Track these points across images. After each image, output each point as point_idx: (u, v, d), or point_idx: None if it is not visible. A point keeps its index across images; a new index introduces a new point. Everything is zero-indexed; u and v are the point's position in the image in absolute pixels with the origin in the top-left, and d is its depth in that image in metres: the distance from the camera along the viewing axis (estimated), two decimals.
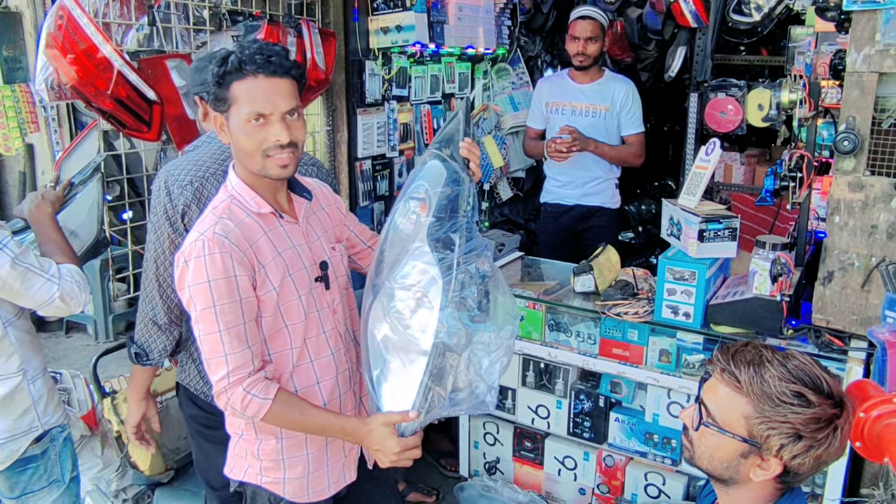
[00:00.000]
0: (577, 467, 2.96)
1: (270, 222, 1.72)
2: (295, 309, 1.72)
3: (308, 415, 1.69)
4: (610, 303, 2.68)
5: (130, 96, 2.59)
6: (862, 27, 2.16)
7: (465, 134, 1.78)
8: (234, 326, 1.61)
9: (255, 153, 1.63)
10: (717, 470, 1.38)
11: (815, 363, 1.31)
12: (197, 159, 2.03)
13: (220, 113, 1.65)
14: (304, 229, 1.79)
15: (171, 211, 1.96)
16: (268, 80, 1.59)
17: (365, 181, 3.93)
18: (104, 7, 2.62)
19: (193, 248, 1.61)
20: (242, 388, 1.62)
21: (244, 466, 1.82)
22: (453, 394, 1.67)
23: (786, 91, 2.37)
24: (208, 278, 1.59)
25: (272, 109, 1.61)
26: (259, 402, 1.62)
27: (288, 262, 1.71)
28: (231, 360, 1.61)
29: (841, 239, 2.29)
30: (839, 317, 2.34)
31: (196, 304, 1.61)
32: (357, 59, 3.78)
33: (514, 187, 5.09)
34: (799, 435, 1.26)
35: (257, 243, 1.66)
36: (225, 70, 1.59)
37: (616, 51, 5.07)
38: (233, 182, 1.72)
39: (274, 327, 1.70)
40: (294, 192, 1.81)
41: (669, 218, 2.72)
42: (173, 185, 1.97)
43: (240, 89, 1.59)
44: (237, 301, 1.61)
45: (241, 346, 1.62)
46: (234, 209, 1.68)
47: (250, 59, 1.58)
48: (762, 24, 3.65)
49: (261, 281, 1.66)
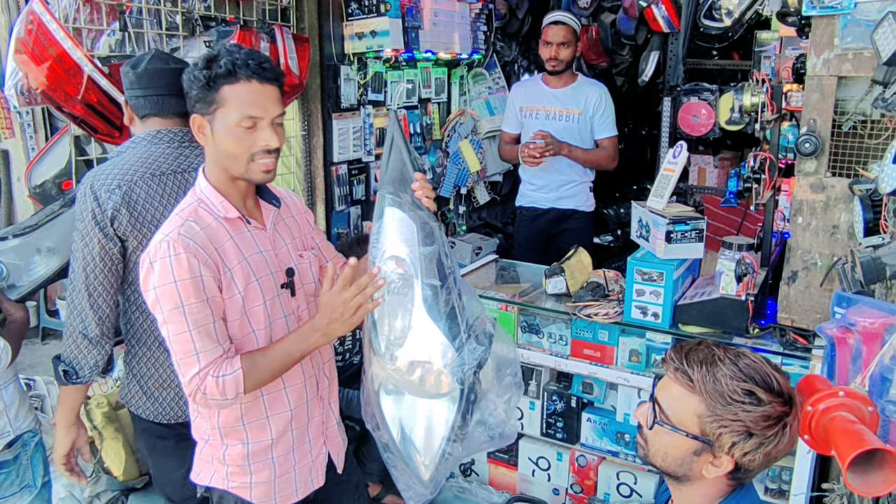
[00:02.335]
0: (551, 468, 2.99)
1: (237, 227, 1.72)
2: (260, 314, 1.72)
3: (273, 357, 1.67)
4: (581, 304, 2.71)
5: (101, 101, 2.59)
6: (821, 32, 2.21)
7: (413, 165, 1.74)
8: (204, 325, 1.61)
9: (241, 157, 1.65)
10: (670, 467, 1.41)
11: (765, 362, 1.34)
12: (123, 163, 2.00)
13: (202, 115, 1.65)
14: (271, 235, 1.80)
15: (101, 216, 1.91)
16: (260, 85, 1.62)
17: (341, 185, 3.94)
18: (74, 12, 2.62)
19: (158, 250, 1.61)
20: (211, 375, 1.61)
21: (210, 471, 1.82)
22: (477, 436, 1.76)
23: (748, 94, 2.41)
24: (174, 279, 1.59)
25: (264, 114, 1.63)
26: (232, 378, 1.61)
27: (254, 266, 1.71)
28: (202, 358, 1.61)
29: (804, 239, 2.33)
30: (803, 315, 2.38)
31: (163, 306, 1.61)
32: (332, 64, 3.79)
33: (492, 191, 5.12)
34: (750, 432, 1.29)
35: (223, 247, 1.67)
36: (216, 73, 1.60)
37: (591, 56, 5.12)
38: (201, 186, 1.73)
39: (241, 331, 1.71)
40: (262, 199, 1.82)
41: (639, 220, 2.75)
42: (100, 189, 1.93)
43: (231, 93, 1.61)
44: (204, 300, 1.61)
45: (211, 343, 1.62)
46: (200, 212, 1.69)
47: (244, 64, 1.60)
48: (733, 30, 3.70)
49: (226, 284, 1.67)
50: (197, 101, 1.65)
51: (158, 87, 2.07)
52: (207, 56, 1.64)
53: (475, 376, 1.69)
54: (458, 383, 1.66)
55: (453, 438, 1.71)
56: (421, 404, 1.74)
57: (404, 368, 1.69)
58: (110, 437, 2.91)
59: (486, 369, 1.73)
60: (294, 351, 1.69)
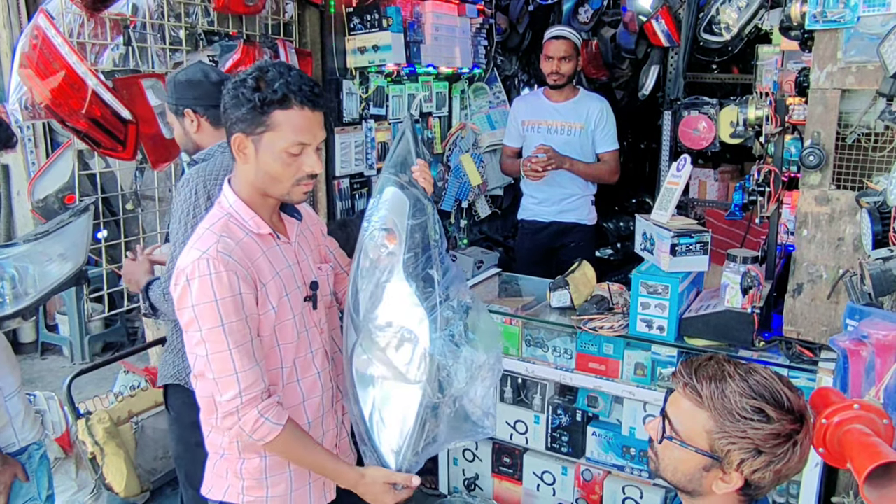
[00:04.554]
0: (556, 482, 2.97)
1: (268, 242, 1.72)
2: (289, 329, 1.72)
3: (311, 451, 1.71)
4: (586, 317, 2.70)
5: (105, 116, 2.59)
6: (824, 46, 2.22)
7: (417, 155, 1.80)
8: (243, 344, 1.60)
9: (287, 181, 1.65)
10: (680, 482, 1.39)
11: (776, 378, 1.33)
12: (224, 165, 2.12)
13: (247, 135, 1.62)
14: (295, 249, 1.80)
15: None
16: (312, 112, 1.62)
17: (343, 199, 3.94)
18: (79, 27, 2.63)
19: (197, 267, 1.58)
20: (258, 410, 1.60)
21: (224, 486, 1.80)
22: (453, 423, 1.70)
23: (752, 107, 2.42)
24: (215, 297, 1.57)
25: (312, 141, 1.63)
26: (270, 427, 1.61)
27: (285, 281, 1.71)
28: (242, 379, 1.59)
29: (809, 251, 2.33)
30: (809, 328, 2.38)
31: (202, 324, 1.59)
32: (335, 79, 3.81)
33: (493, 205, 5.13)
34: (759, 450, 1.28)
35: (257, 263, 1.66)
36: (267, 97, 1.58)
37: (591, 70, 5.15)
38: (230, 200, 1.71)
39: (266, 346, 1.70)
40: (284, 212, 1.82)
41: (643, 233, 2.75)
42: (213, 188, 2.05)
43: (283, 118, 1.59)
44: (243, 319, 1.60)
45: (250, 363, 1.61)
46: (231, 227, 1.67)
47: (298, 89, 1.59)
48: (732, 44, 3.73)
49: (262, 300, 1.66)
50: (242, 120, 1.61)
51: None
52: (256, 75, 1.60)
53: (449, 352, 1.67)
54: (430, 349, 1.66)
55: (424, 423, 1.70)
56: (392, 386, 1.74)
57: (381, 325, 1.72)
58: (112, 453, 2.89)
59: (466, 356, 1.71)
60: (324, 471, 1.76)
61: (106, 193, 2.93)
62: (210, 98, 2.16)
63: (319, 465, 1.74)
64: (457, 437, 1.75)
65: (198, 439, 2.03)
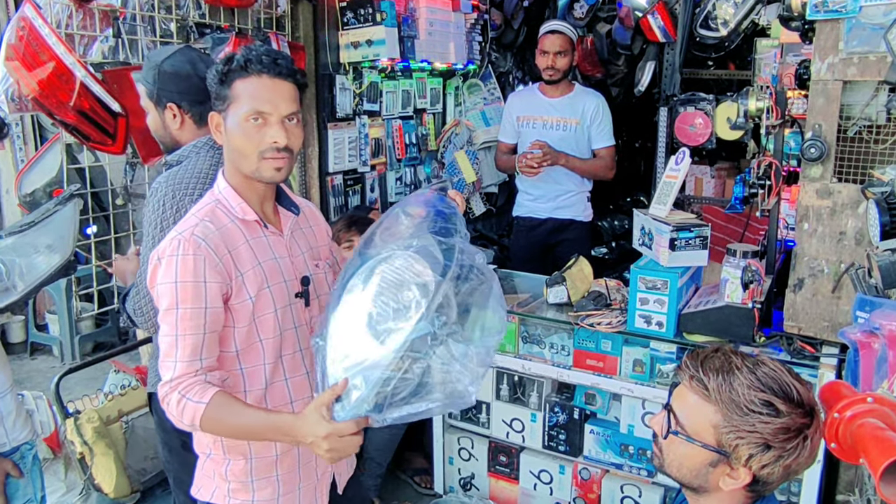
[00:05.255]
0: (553, 481, 2.93)
1: (254, 230, 1.68)
2: (270, 323, 1.67)
3: (242, 415, 1.54)
4: (583, 313, 2.67)
5: (94, 108, 2.53)
6: (825, 36, 2.18)
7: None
8: (193, 334, 1.56)
9: (250, 154, 1.61)
10: (686, 478, 1.36)
11: (786, 370, 1.29)
12: (197, 170, 1.99)
13: (218, 112, 1.63)
14: (287, 242, 1.75)
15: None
16: (272, 80, 1.59)
17: (336, 196, 3.89)
18: (67, 18, 2.58)
19: (168, 246, 1.58)
20: (178, 392, 1.54)
21: (212, 487, 1.75)
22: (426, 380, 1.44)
23: (753, 99, 2.39)
24: (176, 279, 1.55)
25: (272, 110, 1.59)
26: (194, 406, 1.52)
27: (267, 272, 1.67)
28: (179, 368, 1.55)
29: (810, 246, 2.30)
30: (810, 323, 2.34)
31: (162, 303, 1.58)
32: (328, 74, 3.75)
33: (487, 202, 5.09)
34: (768, 445, 1.24)
35: (237, 249, 1.63)
36: (229, 68, 1.58)
37: (586, 66, 5.12)
38: (220, 186, 1.69)
39: (247, 340, 1.65)
40: (281, 205, 1.78)
41: (641, 228, 2.72)
42: (183, 197, 1.93)
43: (242, 87, 1.58)
44: (202, 308, 1.56)
45: (193, 356, 1.56)
46: (217, 213, 1.65)
47: (257, 59, 1.57)
48: (729, 39, 3.71)
49: (237, 289, 1.62)
50: (214, 97, 1.63)
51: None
52: (230, 54, 1.62)
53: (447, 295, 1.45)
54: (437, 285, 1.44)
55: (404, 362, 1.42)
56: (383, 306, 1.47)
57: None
58: (101, 453, 2.84)
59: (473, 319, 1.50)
60: (261, 433, 1.57)
61: (95, 188, 2.87)
62: (198, 93, 2.04)
63: (254, 427, 1.54)
64: (429, 398, 1.46)
65: (183, 442, 2.00)
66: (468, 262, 1.52)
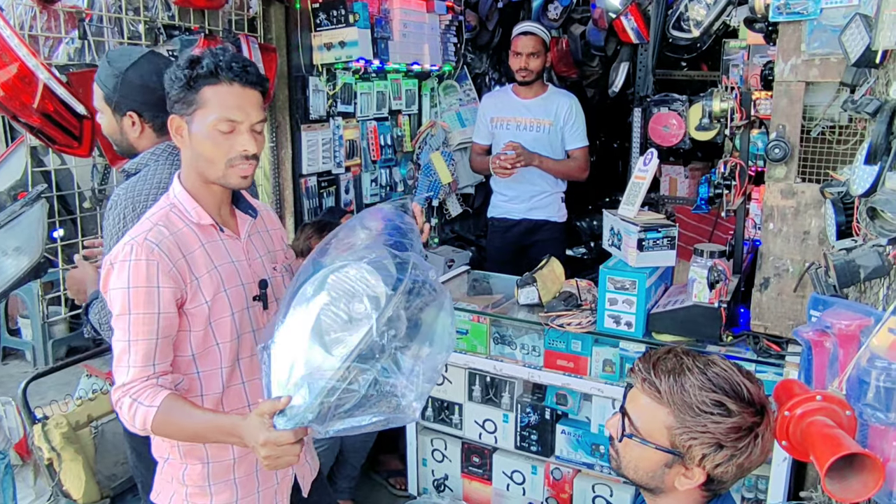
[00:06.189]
0: (526, 481, 2.93)
1: (209, 234, 1.67)
2: (227, 327, 1.66)
3: (190, 417, 1.53)
4: (553, 314, 2.67)
5: (59, 111, 2.51)
6: (788, 38, 2.20)
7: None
8: (145, 340, 1.55)
9: (219, 161, 1.59)
10: (642, 479, 1.36)
11: (736, 370, 1.30)
12: (156, 179, 1.94)
13: (181, 116, 1.60)
14: (245, 245, 1.74)
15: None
16: (242, 89, 1.57)
17: (310, 198, 3.88)
18: (31, 20, 2.55)
19: (121, 251, 1.56)
20: (129, 396, 1.53)
21: (170, 492, 1.74)
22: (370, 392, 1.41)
23: (717, 100, 2.41)
24: (129, 284, 1.54)
25: (244, 118, 1.58)
26: (144, 410, 1.51)
27: (224, 276, 1.66)
28: (131, 373, 1.54)
29: (775, 245, 2.32)
30: (776, 322, 2.37)
31: (114, 308, 1.57)
32: (300, 75, 3.75)
33: (464, 203, 5.09)
34: (720, 444, 1.25)
35: (192, 254, 1.61)
36: (197, 73, 1.55)
37: (562, 67, 5.14)
38: (175, 191, 1.67)
39: (204, 344, 1.64)
40: (238, 208, 1.77)
41: (610, 228, 2.73)
42: (143, 208, 1.85)
43: (212, 94, 1.56)
44: (154, 314, 1.55)
45: (145, 361, 1.55)
46: (172, 217, 1.63)
47: (227, 66, 1.55)
48: (701, 40, 3.73)
49: (192, 293, 1.60)
50: (176, 101, 1.59)
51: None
52: (191, 57, 1.58)
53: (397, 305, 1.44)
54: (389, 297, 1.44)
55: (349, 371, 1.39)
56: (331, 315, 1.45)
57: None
58: (69, 459, 2.79)
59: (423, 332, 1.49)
60: (209, 435, 1.56)
61: (62, 191, 2.84)
62: (161, 104, 1.91)
63: (202, 428, 1.53)
64: (372, 410, 1.42)
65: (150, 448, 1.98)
66: (421, 277, 1.50)
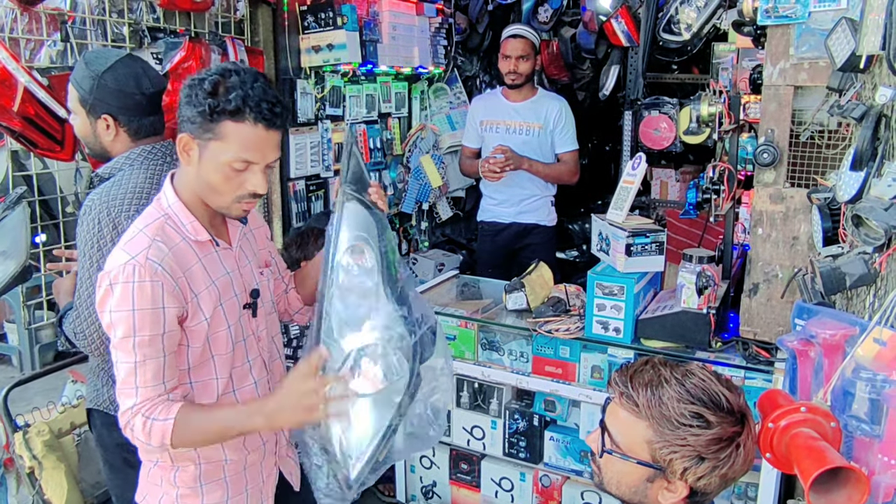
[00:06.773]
0: (514, 488, 2.91)
1: (205, 249, 1.63)
2: (223, 339, 1.64)
3: (213, 415, 1.56)
4: (541, 320, 2.65)
5: (40, 114, 2.48)
6: (776, 41, 2.19)
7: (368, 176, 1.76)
8: (153, 359, 1.52)
9: (226, 196, 1.56)
10: (626, 495, 1.34)
11: (714, 379, 1.28)
12: (132, 186, 1.89)
13: (194, 138, 1.52)
14: (236, 254, 1.72)
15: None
16: (266, 132, 1.51)
17: (299, 202, 3.85)
18: (11, 22, 2.51)
19: (122, 272, 1.50)
20: (142, 414, 1.51)
21: (158, 494, 1.72)
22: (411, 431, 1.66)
23: (705, 104, 2.39)
24: (133, 307, 1.49)
25: (260, 160, 1.53)
26: (161, 426, 1.50)
27: (221, 290, 1.63)
28: (141, 394, 1.52)
29: (764, 251, 2.30)
30: (765, 328, 2.35)
31: (116, 331, 1.52)
32: (288, 78, 3.71)
33: (455, 207, 5.06)
34: (701, 457, 1.23)
35: (191, 270, 1.58)
36: (220, 105, 1.47)
37: (553, 70, 5.11)
38: (170, 199, 1.61)
39: (201, 357, 1.62)
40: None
41: (599, 233, 2.71)
42: (119, 215, 1.83)
43: (232, 130, 1.48)
44: (160, 334, 1.52)
45: (155, 380, 1.52)
46: (167, 230, 1.58)
47: (255, 106, 1.47)
48: (691, 43, 3.72)
49: (192, 311, 1.57)
50: (191, 121, 1.51)
51: (159, 106, 2.01)
52: (215, 79, 1.49)
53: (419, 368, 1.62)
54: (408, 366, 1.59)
55: (388, 435, 1.61)
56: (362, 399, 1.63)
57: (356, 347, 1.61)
58: (51, 467, 2.76)
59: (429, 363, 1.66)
60: (233, 426, 1.56)
61: (44, 195, 2.80)
62: (138, 111, 1.96)
63: (226, 428, 1.55)
64: (408, 448, 1.68)
65: (125, 459, 1.96)
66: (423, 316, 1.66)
